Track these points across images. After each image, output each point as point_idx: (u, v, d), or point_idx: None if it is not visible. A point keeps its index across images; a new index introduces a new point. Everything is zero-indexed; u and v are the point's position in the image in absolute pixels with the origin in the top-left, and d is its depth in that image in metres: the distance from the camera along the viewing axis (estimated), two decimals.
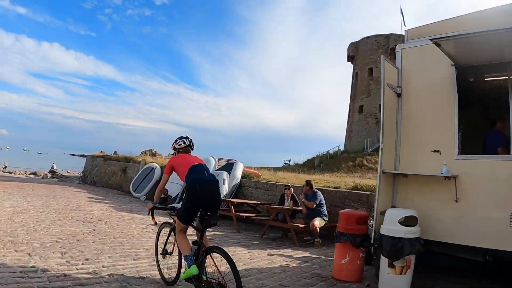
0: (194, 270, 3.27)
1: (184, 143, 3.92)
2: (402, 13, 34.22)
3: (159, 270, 4.15)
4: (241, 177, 11.88)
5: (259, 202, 9.94)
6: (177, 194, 12.59)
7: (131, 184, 15.90)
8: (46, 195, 12.23)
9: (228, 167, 12.13)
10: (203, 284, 3.26)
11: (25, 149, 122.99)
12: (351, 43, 34.68)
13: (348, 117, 34.41)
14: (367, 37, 33.24)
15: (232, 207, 8.93)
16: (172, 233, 3.99)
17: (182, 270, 3.68)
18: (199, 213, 3.50)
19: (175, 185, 12.49)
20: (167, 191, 12.58)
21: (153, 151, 28.71)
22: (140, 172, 16.30)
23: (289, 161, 28.33)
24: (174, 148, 3.97)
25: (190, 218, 3.55)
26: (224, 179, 11.14)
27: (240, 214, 9.00)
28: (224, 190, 10.92)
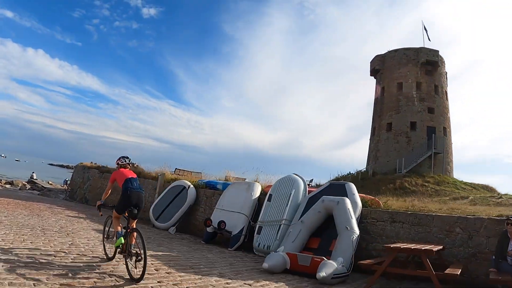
0: (121, 240, 5.12)
1: (125, 161, 5.94)
2: (425, 28, 31.92)
3: (104, 249, 5.99)
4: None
5: (441, 247, 6.61)
6: (242, 228, 8.92)
7: (151, 210, 11.97)
8: (30, 225, 8.18)
9: (337, 190, 8.49)
10: (126, 251, 4.98)
11: (3, 155, 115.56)
12: (377, 56, 31.95)
13: (373, 135, 31.30)
14: (395, 50, 30.57)
15: (427, 260, 5.49)
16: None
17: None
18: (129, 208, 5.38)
19: (237, 215, 8.87)
20: (225, 224, 8.94)
21: (135, 165, 24.62)
22: (164, 193, 12.43)
23: (311, 181, 24.72)
24: (118, 164, 5.93)
25: (122, 211, 5.47)
26: (348, 209, 7.47)
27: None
28: (354, 225, 7.17)
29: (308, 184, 21.43)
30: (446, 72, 31.40)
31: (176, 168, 19.89)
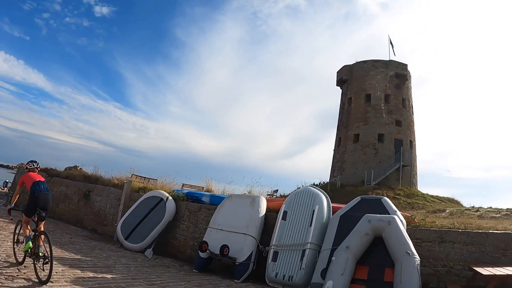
0: (29, 244, 5.22)
1: (33, 165, 6.13)
2: (391, 42, 32.24)
3: (14, 253, 5.84)
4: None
5: None
6: (250, 254, 7.04)
7: (119, 227, 9.63)
8: None
9: (371, 206, 6.89)
10: (34, 254, 5.11)
11: None
12: (345, 66, 31.54)
13: (338, 145, 30.61)
14: (364, 61, 30.34)
15: None
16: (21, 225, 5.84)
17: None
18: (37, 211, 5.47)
19: (242, 237, 6.97)
20: (228, 249, 7.05)
21: (78, 168, 22.06)
22: (136, 206, 10.11)
23: (276, 191, 23.20)
24: (26, 168, 6.14)
25: (31, 213, 5.53)
26: (402, 230, 5.93)
27: None
28: (413, 249, 5.69)
29: (272, 195, 19.55)
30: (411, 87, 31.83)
31: (132, 174, 17.44)
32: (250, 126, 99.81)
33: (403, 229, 6.00)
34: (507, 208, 18.02)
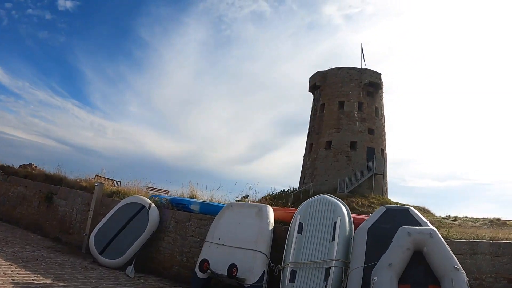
0: None
1: None
2: (362, 51, 32.51)
3: None
4: None
5: None
6: (262, 274, 6.01)
7: (92, 238, 8.22)
8: None
9: (398, 216, 6.14)
10: None
11: None
12: (318, 72, 31.25)
13: (309, 152, 30.12)
14: (338, 68, 30.21)
15: None
16: None
17: None
18: None
19: (250, 254, 6.00)
20: (237, 269, 5.98)
21: (33, 166, 19.98)
22: (112, 213, 8.71)
23: (247, 197, 22.07)
24: None
25: None
26: (444, 243, 5.27)
27: None
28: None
29: (241, 201, 18.29)
30: None
31: (96, 175, 15.70)
32: (209, 130, 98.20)
33: (444, 241, 5.28)
34: (483, 218, 18.24)
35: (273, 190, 27.27)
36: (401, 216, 6.17)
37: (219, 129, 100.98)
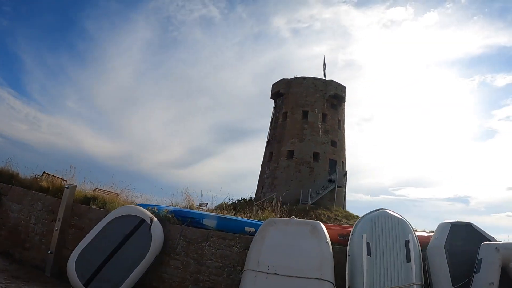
0: None
1: None
2: (324, 63, 32.51)
3: None
4: None
5: None
6: None
7: (72, 263, 6.09)
8: None
9: (465, 233, 5.62)
10: None
11: None
12: (283, 79, 30.41)
13: (269, 161, 28.95)
14: (304, 78, 29.60)
15: None
16: None
17: None
18: None
19: (315, 284, 4.57)
20: None
21: None
22: (100, 230, 6.60)
23: (206, 205, 20.31)
24: None
25: None
26: None
27: None
28: None
29: (201, 208, 16.38)
30: None
31: (44, 172, 12.88)
32: (147, 131, 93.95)
33: None
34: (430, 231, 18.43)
35: (225, 198, 25.61)
36: (467, 231, 5.70)
37: (156, 131, 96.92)
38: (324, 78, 30.89)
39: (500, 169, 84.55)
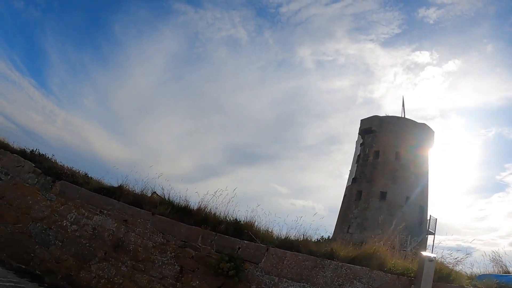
0: None
1: None
2: (403, 104, 32.50)
3: None
4: None
5: None
6: None
7: None
8: None
9: None
10: None
11: None
12: (375, 116, 29.89)
13: (356, 200, 28.13)
14: (397, 117, 29.31)
15: None
16: None
17: None
18: None
19: None
20: None
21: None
22: None
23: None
24: None
25: None
26: None
27: None
28: None
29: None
30: None
31: (153, 192, 10.87)
32: (158, 142, 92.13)
33: None
34: None
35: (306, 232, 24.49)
36: None
37: (168, 143, 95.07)
38: (404, 116, 30.84)
39: None
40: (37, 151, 11.30)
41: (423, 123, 29.67)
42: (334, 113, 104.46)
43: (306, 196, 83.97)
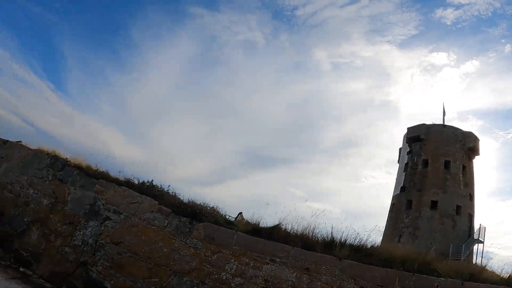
0: None
1: None
2: (444, 111, 32.58)
3: None
4: None
5: None
6: None
7: None
8: None
9: None
10: None
11: None
12: (423, 125, 29.99)
13: (406, 209, 28.39)
14: (443, 125, 29.49)
15: None
16: None
17: None
18: None
19: None
20: None
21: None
22: None
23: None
24: None
25: None
26: None
27: None
28: None
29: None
30: None
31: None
32: (172, 144, 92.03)
33: None
34: None
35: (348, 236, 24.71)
36: None
37: (184, 146, 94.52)
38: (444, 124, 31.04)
39: None
40: (148, 182, 10.41)
41: (470, 132, 29.96)
42: (350, 116, 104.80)
43: (322, 199, 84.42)
